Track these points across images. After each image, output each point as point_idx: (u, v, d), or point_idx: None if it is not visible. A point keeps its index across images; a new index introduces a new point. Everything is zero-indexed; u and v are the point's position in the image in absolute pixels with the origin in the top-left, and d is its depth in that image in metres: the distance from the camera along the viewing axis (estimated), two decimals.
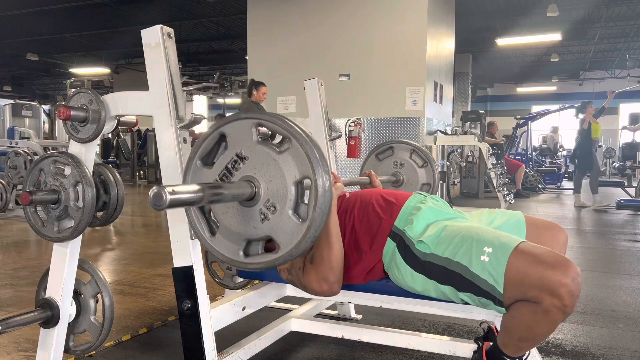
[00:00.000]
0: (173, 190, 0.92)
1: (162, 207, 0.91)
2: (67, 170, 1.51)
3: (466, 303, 1.36)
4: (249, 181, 1.13)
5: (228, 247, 1.19)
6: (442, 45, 6.86)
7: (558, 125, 15.54)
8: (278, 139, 1.16)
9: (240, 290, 2.14)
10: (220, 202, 1.11)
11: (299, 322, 1.87)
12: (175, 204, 0.94)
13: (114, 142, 11.42)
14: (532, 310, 1.21)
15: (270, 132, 2.48)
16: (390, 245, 1.47)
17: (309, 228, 1.08)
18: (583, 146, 7.52)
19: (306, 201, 1.10)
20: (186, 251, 1.37)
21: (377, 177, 2.11)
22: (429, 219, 1.47)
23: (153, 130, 1.80)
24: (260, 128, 1.16)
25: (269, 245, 1.27)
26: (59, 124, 9.14)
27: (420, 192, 1.66)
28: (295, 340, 2.06)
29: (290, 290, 1.79)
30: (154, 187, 0.92)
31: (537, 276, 1.19)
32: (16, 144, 6.33)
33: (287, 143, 1.11)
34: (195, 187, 1.00)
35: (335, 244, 1.43)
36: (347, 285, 1.58)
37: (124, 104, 1.52)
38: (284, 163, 1.10)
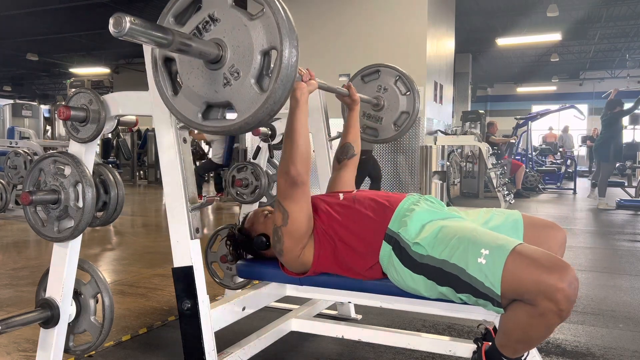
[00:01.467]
0: (134, 20, 0.90)
1: (121, 33, 0.88)
2: (67, 170, 1.51)
3: (465, 303, 1.36)
4: (217, 43, 1.12)
5: (188, 108, 1.19)
6: (442, 45, 6.87)
7: (568, 125, 15.55)
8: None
9: (240, 290, 2.14)
10: (186, 54, 1.09)
11: (299, 322, 1.87)
12: (135, 34, 0.91)
13: (114, 142, 11.41)
14: (529, 313, 1.21)
15: (270, 133, 2.47)
16: (386, 249, 1.46)
17: (268, 99, 1.07)
18: (614, 138, 7.36)
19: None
20: (186, 251, 1.37)
21: (356, 91, 2.06)
22: (424, 220, 1.46)
23: (153, 130, 1.81)
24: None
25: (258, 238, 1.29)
26: (59, 123, 9.14)
27: (414, 193, 1.65)
28: (295, 340, 2.06)
29: (290, 290, 1.79)
30: (114, 15, 0.88)
31: (533, 280, 1.18)
32: (16, 144, 6.32)
33: (261, 11, 1.09)
34: (163, 28, 0.99)
35: (298, 140, 1.42)
36: (347, 285, 1.58)
37: (124, 104, 1.52)
38: (254, 30, 1.09)
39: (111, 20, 0.89)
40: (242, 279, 2.27)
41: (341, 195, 1.66)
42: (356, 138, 2.03)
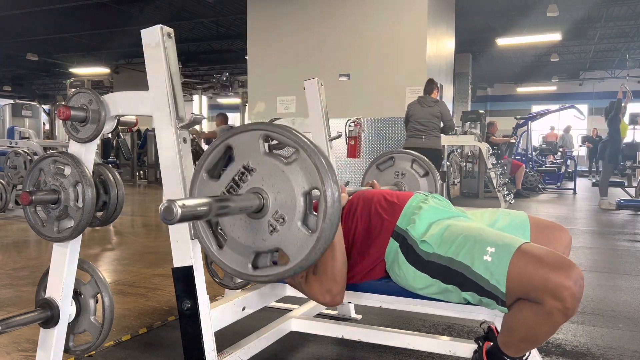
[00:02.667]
0: (184, 205, 0.90)
1: (173, 221, 0.90)
2: (67, 170, 1.51)
3: (469, 302, 1.36)
4: (257, 193, 1.11)
5: (236, 260, 1.18)
6: (442, 45, 6.87)
7: (570, 125, 15.56)
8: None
9: (240, 290, 2.14)
10: (227, 215, 1.09)
11: (299, 322, 1.87)
12: (185, 218, 0.92)
13: (114, 142, 11.42)
14: (534, 311, 1.21)
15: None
16: (392, 246, 1.47)
17: (319, 239, 1.07)
18: (613, 141, 7.33)
19: (314, 212, 1.09)
20: (186, 251, 1.37)
21: (379, 187, 2.11)
22: (432, 218, 1.48)
23: (153, 130, 1.81)
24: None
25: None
26: (58, 124, 9.14)
27: (422, 191, 1.66)
28: (295, 340, 2.06)
29: (290, 290, 1.79)
30: (165, 202, 0.90)
31: (539, 278, 1.18)
32: (16, 144, 6.32)
33: (295, 154, 1.10)
34: (203, 200, 0.98)
35: (339, 256, 1.42)
36: (347, 285, 1.58)
37: (124, 104, 1.52)
38: (292, 174, 1.09)
39: (162, 209, 0.90)
40: (242, 279, 2.27)
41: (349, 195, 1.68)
42: None
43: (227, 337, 1.70)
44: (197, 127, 9.29)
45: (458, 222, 1.45)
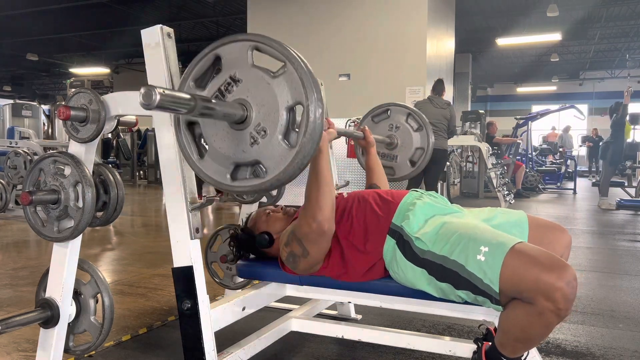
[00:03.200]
0: (164, 91, 0.89)
1: (152, 105, 0.88)
2: (67, 170, 1.51)
3: (465, 301, 1.36)
4: (241, 104, 1.12)
5: (216, 170, 1.18)
6: (442, 45, 6.87)
7: (570, 125, 15.56)
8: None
9: (240, 290, 2.14)
10: (210, 117, 1.09)
11: (299, 322, 1.87)
12: (165, 105, 0.91)
13: (114, 142, 11.42)
14: (527, 311, 1.21)
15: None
16: (390, 243, 1.47)
17: (297, 154, 1.07)
18: (615, 141, 7.30)
19: (297, 129, 1.09)
20: (186, 251, 1.37)
21: (371, 133, 2.11)
22: (426, 214, 1.48)
23: (153, 130, 1.81)
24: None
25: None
26: (58, 124, 9.14)
27: (417, 189, 1.66)
28: (295, 340, 2.06)
29: (290, 290, 1.79)
30: (143, 87, 0.88)
31: (532, 278, 1.18)
32: (16, 144, 6.32)
33: (282, 68, 1.09)
34: (187, 95, 0.98)
35: (323, 185, 1.43)
36: (347, 285, 1.58)
37: (124, 104, 1.52)
38: (278, 87, 1.09)
39: (141, 92, 0.88)
40: (242, 279, 2.27)
41: (345, 194, 1.69)
42: (380, 176, 2.08)
43: (227, 337, 1.70)
44: None
45: (454, 219, 1.45)
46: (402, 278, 1.45)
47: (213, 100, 1.07)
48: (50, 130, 10.35)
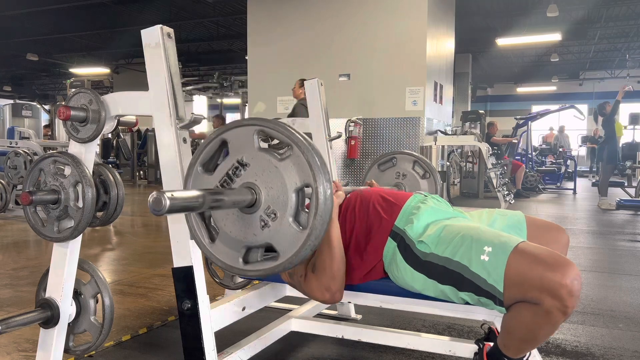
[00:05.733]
0: (172, 195, 0.91)
1: (162, 212, 0.90)
2: (67, 170, 1.51)
3: (467, 302, 1.36)
4: (250, 188, 1.12)
5: (227, 254, 1.18)
6: (442, 45, 6.87)
7: (564, 125, 15.56)
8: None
9: (240, 290, 2.14)
10: (220, 209, 1.10)
11: (299, 322, 1.87)
12: (174, 209, 0.92)
13: (114, 142, 11.42)
14: (533, 311, 1.21)
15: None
16: (390, 245, 1.47)
17: (309, 236, 1.07)
18: (609, 141, 7.30)
19: (307, 209, 1.09)
20: (186, 251, 1.37)
21: (378, 186, 2.11)
22: (429, 219, 1.48)
23: (153, 130, 1.82)
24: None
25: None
26: (58, 123, 9.14)
27: (421, 192, 1.66)
28: (295, 340, 2.06)
29: (290, 290, 1.79)
30: (154, 192, 0.90)
31: (537, 277, 1.18)
32: (16, 144, 6.32)
33: (289, 150, 1.10)
34: (195, 192, 0.99)
35: (337, 253, 1.43)
36: (347, 285, 1.58)
37: (124, 104, 1.52)
38: (285, 170, 1.10)
39: (151, 200, 0.90)
40: (242, 279, 2.27)
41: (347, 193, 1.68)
42: None
43: (227, 337, 1.70)
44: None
45: (455, 222, 1.45)
46: (401, 281, 1.45)
47: (221, 192, 1.08)
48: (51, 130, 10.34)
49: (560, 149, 12.71)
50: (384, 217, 1.51)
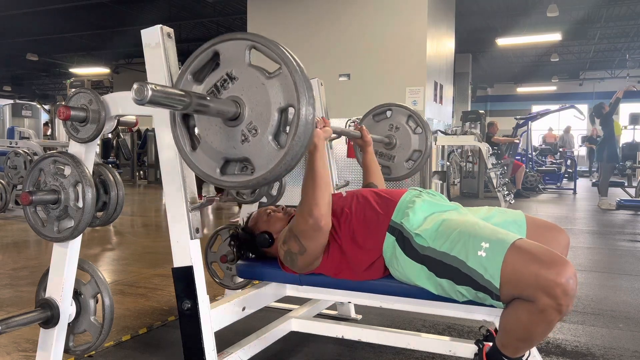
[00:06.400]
0: (155, 87, 0.92)
1: (143, 101, 0.91)
2: (67, 170, 1.51)
3: (465, 297, 1.36)
4: (235, 101, 1.14)
5: (206, 163, 1.21)
6: (442, 45, 6.87)
7: (570, 125, 15.54)
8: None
9: (240, 290, 2.14)
10: (204, 114, 1.11)
11: (299, 322, 1.87)
12: (156, 100, 0.93)
13: (114, 142, 11.41)
14: (528, 309, 1.21)
15: None
16: (389, 240, 1.48)
17: (286, 155, 1.09)
18: (609, 140, 7.28)
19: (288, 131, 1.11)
20: (186, 251, 1.37)
21: (368, 132, 2.12)
22: (426, 212, 1.49)
23: (153, 130, 1.82)
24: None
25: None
26: (58, 123, 9.13)
27: (415, 187, 1.67)
28: (295, 340, 2.06)
29: (290, 290, 1.79)
30: (136, 83, 0.90)
31: (532, 274, 1.19)
32: (16, 144, 6.32)
33: (278, 69, 1.12)
34: (181, 92, 1.01)
35: (320, 183, 1.45)
36: (347, 285, 1.58)
37: (124, 104, 1.52)
38: (272, 88, 1.11)
39: (134, 88, 0.90)
40: (242, 279, 2.27)
41: (344, 193, 1.70)
42: (377, 175, 2.09)
43: (227, 337, 1.70)
44: None
45: (453, 217, 1.46)
46: (402, 275, 1.46)
47: (207, 97, 1.09)
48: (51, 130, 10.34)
49: (561, 149, 12.71)
50: (381, 212, 1.53)
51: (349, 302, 2.28)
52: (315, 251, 1.52)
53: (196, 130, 1.24)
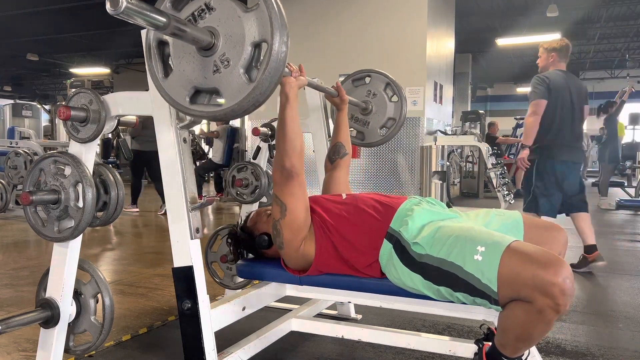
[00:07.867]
0: (132, 0, 0.92)
1: (118, 11, 0.92)
2: (67, 170, 1.51)
3: (463, 303, 1.36)
4: (211, 31, 1.15)
5: (177, 91, 1.22)
6: (442, 45, 6.87)
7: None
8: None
9: (240, 290, 2.14)
10: (180, 38, 1.12)
11: (299, 322, 1.87)
12: (132, 12, 0.94)
13: (114, 142, 11.40)
14: (526, 310, 1.22)
15: (270, 133, 2.49)
16: (386, 247, 1.48)
17: (255, 89, 1.11)
18: (611, 141, 7.28)
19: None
20: (186, 251, 1.37)
21: (345, 92, 2.13)
22: (424, 220, 1.49)
23: None
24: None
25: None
26: (59, 123, 9.14)
27: (415, 196, 1.67)
28: (295, 340, 2.06)
29: (290, 290, 1.79)
30: None
31: (529, 275, 1.19)
32: (16, 144, 6.32)
33: (256, 4, 1.12)
34: (160, 10, 1.01)
35: (289, 132, 1.47)
36: (347, 285, 1.58)
37: (124, 104, 1.52)
38: (248, 22, 1.12)
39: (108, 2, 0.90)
40: (242, 279, 2.27)
41: (344, 195, 1.69)
42: (347, 137, 2.09)
43: (227, 337, 1.70)
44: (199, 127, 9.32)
45: (450, 223, 1.46)
46: (399, 281, 1.46)
47: (184, 22, 1.10)
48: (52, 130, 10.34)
49: None
50: (379, 219, 1.53)
51: (349, 302, 2.28)
52: (296, 209, 1.51)
53: (169, 60, 1.25)
